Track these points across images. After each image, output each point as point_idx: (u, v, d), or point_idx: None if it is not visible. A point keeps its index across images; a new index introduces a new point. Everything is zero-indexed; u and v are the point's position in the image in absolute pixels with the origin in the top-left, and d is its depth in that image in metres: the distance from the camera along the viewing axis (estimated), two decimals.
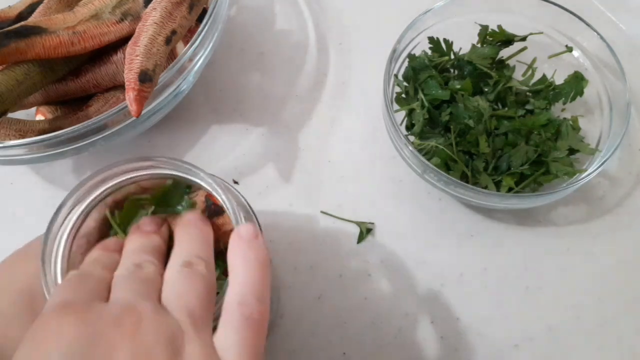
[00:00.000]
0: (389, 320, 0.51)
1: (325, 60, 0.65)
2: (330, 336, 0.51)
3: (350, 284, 0.53)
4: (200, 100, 0.63)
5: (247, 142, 0.60)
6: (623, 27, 0.65)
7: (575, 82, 0.55)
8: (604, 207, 0.56)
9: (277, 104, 0.62)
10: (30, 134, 0.53)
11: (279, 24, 0.68)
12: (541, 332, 0.51)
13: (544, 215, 0.55)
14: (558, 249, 0.54)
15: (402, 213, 0.56)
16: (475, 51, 0.55)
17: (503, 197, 0.50)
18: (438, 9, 0.56)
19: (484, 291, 0.52)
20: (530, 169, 0.51)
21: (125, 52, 0.48)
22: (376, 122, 0.60)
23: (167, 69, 0.50)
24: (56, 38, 0.49)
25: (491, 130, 0.52)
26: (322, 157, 0.59)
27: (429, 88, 0.54)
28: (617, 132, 0.51)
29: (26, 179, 0.60)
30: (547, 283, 0.53)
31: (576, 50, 0.57)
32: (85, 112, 0.55)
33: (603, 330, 0.51)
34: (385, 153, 0.58)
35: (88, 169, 0.60)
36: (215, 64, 0.64)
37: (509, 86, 0.55)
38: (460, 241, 0.55)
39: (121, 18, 0.52)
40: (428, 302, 0.52)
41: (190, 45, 0.51)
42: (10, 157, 0.49)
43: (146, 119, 0.52)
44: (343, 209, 0.56)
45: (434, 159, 0.52)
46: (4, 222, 0.58)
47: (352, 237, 0.55)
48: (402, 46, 0.56)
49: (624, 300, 0.52)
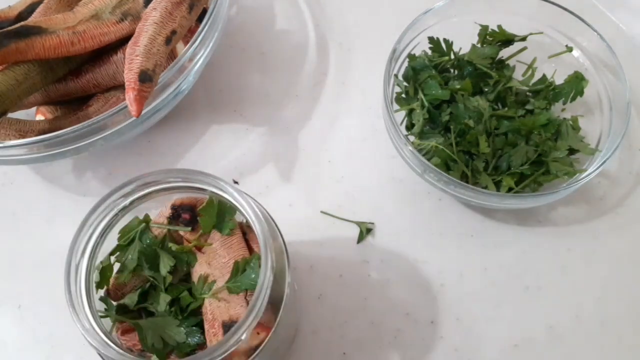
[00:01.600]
0: (389, 320, 0.51)
1: (325, 60, 0.65)
2: (330, 336, 0.51)
3: (350, 284, 0.53)
4: (200, 100, 0.63)
5: (247, 142, 0.60)
6: (623, 27, 0.65)
7: (575, 82, 0.55)
8: (604, 207, 0.56)
9: (277, 104, 0.62)
10: (30, 134, 0.53)
11: (279, 24, 0.68)
12: (541, 332, 0.51)
13: (544, 215, 0.55)
14: (558, 249, 0.54)
15: (402, 213, 0.56)
16: (475, 51, 0.55)
17: (503, 197, 0.50)
18: (438, 9, 0.56)
19: (484, 291, 0.52)
20: (530, 169, 0.51)
21: (125, 52, 0.48)
22: (376, 122, 0.60)
23: (167, 69, 0.50)
24: (56, 38, 0.49)
25: (491, 130, 0.52)
26: (322, 157, 0.59)
27: (429, 88, 0.54)
28: (617, 132, 0.51)
29: (26, 179, 0.60)
30: (547, 283, 0.53)
31: (576, 50, 0.57)
32: (85, 112, 0.55)
33: (603, 330, 0.51)
34: (385, 153, 0.58)
35: (88, 169, 0.60)
36: (215, 64, 0.64)
37: (509, 86, 0.55)
38: (460, 241, 0.55)
39: (121, 18, 0.52)
40: (428, 302, 0.52)
41: (190, 45, 0.51)
42: (10, 157, 0.49)
43: (146, 119, 0.52)
44: (343, 209, 0.56)
45: (434, 159, 0.52)
46: (4, 222, 0.58)
47: (352, 237, 0.55)
48: (402, 46, 0.56)
49: (624, 300, 0.52)
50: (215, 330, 0.38)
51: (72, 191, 0.59)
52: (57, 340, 0.52)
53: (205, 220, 0.41)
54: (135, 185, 0.38)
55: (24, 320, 0.53)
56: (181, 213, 0.42)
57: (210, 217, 0.41)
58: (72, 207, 0.58)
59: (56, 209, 0.58)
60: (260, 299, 0.34)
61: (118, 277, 0.40)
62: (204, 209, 0.41)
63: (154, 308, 0.40)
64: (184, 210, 0.42)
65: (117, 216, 0.39)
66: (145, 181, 0.38)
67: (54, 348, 0.51)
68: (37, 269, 0.55)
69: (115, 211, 0.38)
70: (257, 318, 0.34)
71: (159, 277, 0.40)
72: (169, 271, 0.40)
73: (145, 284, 0.41)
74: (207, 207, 0.40)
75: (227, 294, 0.39)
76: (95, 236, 0.38)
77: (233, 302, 0.38)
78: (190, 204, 0.42)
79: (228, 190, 0.37)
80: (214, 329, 0.38)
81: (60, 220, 0.57)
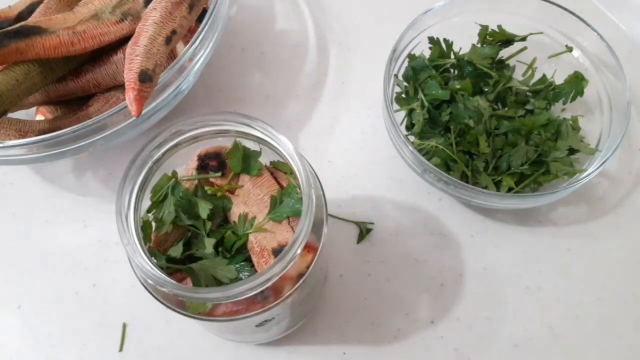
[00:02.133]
0: (389, 320, 0.51)
1: (325, 60, 0.65)
2: (330, 336, 0.51)
3: (350, 284, 0.53)
4: (200, 100, 0.63)
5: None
6: (623, 27, 0.65)
7: (575, 82, 0.55)
8: (604, 207, 0.56)
9: (277, 104, 0.62)
10: (30, 134, 0.53)
11: (279, 24, 0.68)
12: (541, 332, 0.51)
13: (544, 215, 0.55)
14: (558, 249, 0.54)
15: (402, 213, 0.56)
16: (475, 51, 0.55)
17: (503, 197, 0.50)
18: (438, 9, 0.56)
19: (484, 291, 0.52)
20: (530, 169, 0.51)
21: (125, 52, 0.48)
22: (376, 122, 0.60)
23: (167, 69, 0.50)
24: (56, 38, 0.49)
25: (491, 130, 0.52)
26: (322, 157, 0.59)
27: (429, 88, 0.54)
28: (617, 132, 0.51)
29: (26, 179, 0.60)
30: (547, 283, 0.53)
31: (576, 50, 0.57)
32: (85, 112, 0.55)
33: (603, 330, 0.51)
34: (385, 153, 0.58)
35: (88, 169, 0.60)
36: (215, 64, 0.64)
37: (509, 86, 0.55)
38: (460, 241, 0.55)
39: (121, 18, 0.52)
40: (428, 302, 0.52)
41: (190, 45, 0.51)
42: (10, 157, 0.49)
43: (146, 119, 0.52)
44: (343, 209, 0.56)
45: (434, 159, 0.52)
46: (4, 222, 0.58)
47: (352, 237, 0.55)
48: (402, 46, 0.56)
49: (624, 300, 0.52)
50: (265, 258, 0.40)
51: (72, 191, 0.59)
52: (57, 340, 0.52)
53: (234, 162, 0.43)
54: (165, 135, 0.39)
55: (24, 320, 0.53)
56: (208, 162, 0.43)
57: (237, 159, 0.43)
58: (72, 207, 0.58)
59: (56, 209, 0.58)
60: (308, 215, 0.36)
61: (158, 231, 0.41)
62: (231, 152, 0.43)
63: (200, 254, 0.41)
64: (210, 158, 0.44)
65: (152, 169, 0.40)
66: (174, 130, 0.40)
67: (54, 348, 0.52)
68: (37, 269, 0.55)
69: (149, 164, 0.39)
70: (307, 233, 0.36)
71: (199, 223, 0.42)
72: (208, 215, 0.41)
73: (187, 235, 0.43)
74: (233, 150, 0.43)
75: (271, 224, 0.41)
76: (135, 190, 0.39)
77: (278, 230, 0.41)
78: (215, 151, 0.44)
79: (255, 125, 0.40)
80: (263, 258, 0.40)
81: (60, 220, 0.57)
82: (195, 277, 0.39)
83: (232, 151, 0.43)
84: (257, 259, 0.40)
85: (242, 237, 0.41)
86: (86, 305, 0.53)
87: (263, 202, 0.42)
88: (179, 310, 0.38)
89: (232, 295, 0.35)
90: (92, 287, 0.54)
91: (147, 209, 0.42)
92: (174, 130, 0.40)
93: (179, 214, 0.41)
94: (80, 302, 0.53)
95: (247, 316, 0.38)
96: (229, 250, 0.42)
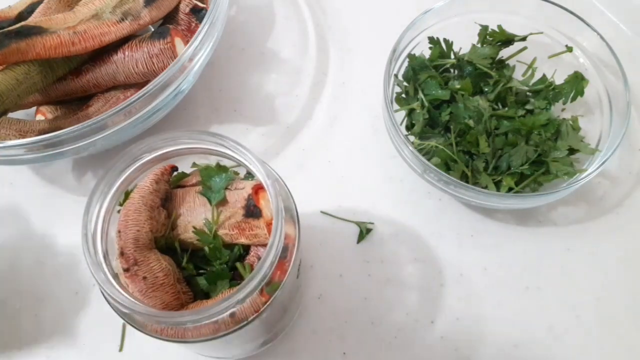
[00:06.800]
0: (389, 320, 0.51)
1: (325, 60, 0.65)
2: (330, 336, 0.51)
3: (350, 284, 0.53)
4: (200, 100, 0.63)
5: (247, 142, 0.60)
6: (623, 27, 0.65)
7: (575, 82, 0.55)
8: (604, 207, 0.56)
9: (277, 104, 0.62)
10: (30, 134, 0.53)
11: (279, 24, 0.68)
12: (541, 332, 0.51)
13: (544, 215, 0.55)
14: (558, 249, 0.54)
15: (402, 213, 0.56)
16: (475, 51, 0.55)
17: (503, 197, 0.50)
18: (438, 9, 0.56)
19: (484, 291, 0.52)
20: (530, 169, 0.51)
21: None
22: (376, 122, 0.60)
23: (167, 69, 0.50)
24: (57, 38, 0.49)
25: (491, 130, 0.52)
26: (322, 157, 0.59)
27: (429, 88, 0.54)
28: (617, 132, 0.51)
29: (26, 179, 0.60)
30: (547, 283, 0.53)
31: (576, 50, 0.57)
32: (85, 112, 0.55)
33: (603, 330, 0.51)
34: (385, 153, 0.58)
35: (88, 169, 0.60)
36: (215, 64, 0.64)
37: (509, 86, 0.55)
38: (460, 241, 0.55)
39: (121, 18, 0.52)
40: (428, 302, 0.52)
41: (190, 45, 0.51)
42: (10, 157, 0.49)
43: (146, 119, 0.52)
44: (343, 209, 0.56)
45: (434, 159, 0.52)
46: (4, 222, 0.58)
47: (352, 237, 0.55)
48: (402, 46, 0.56)
49: (624, 300, 0.52)
50: (244, 227, 0.42)
51: (72, 191, 0.59)
52: (57, 340, 0.52)
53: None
54: (133, 154, 0.41)
55: (24, 320, 0.53)
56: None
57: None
58: (72, 207, 0.58)
59: (56, 209, 0.58)
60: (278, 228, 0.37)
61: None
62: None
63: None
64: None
65: (119, 189, 0.42)
66: (142, 149, 0.41)
67: (54, 348, 0.52)
68: (37, 269, 0.55)
69: (117, 185, 0.41)
70: (274, 263, 0.36)
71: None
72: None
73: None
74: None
75: (223, 206, 0.42)
76: (103, 210, 0.40)
77: (229, 206, 0.42)
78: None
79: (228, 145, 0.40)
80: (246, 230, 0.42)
81: (60, 220, 0.57)
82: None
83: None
84: (246, 239, 0.42)
85: (216, 240, 0.42)
86: (86, 305, 0.53)
87: (197, 204, 0.43)
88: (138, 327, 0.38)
89: (200, 319, 0.35)
90: (92, 287, 0.54)
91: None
92: (142, 148, 0.40)
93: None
94: (80, 302, 0.53)
95: (217, 336, 0.38)
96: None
